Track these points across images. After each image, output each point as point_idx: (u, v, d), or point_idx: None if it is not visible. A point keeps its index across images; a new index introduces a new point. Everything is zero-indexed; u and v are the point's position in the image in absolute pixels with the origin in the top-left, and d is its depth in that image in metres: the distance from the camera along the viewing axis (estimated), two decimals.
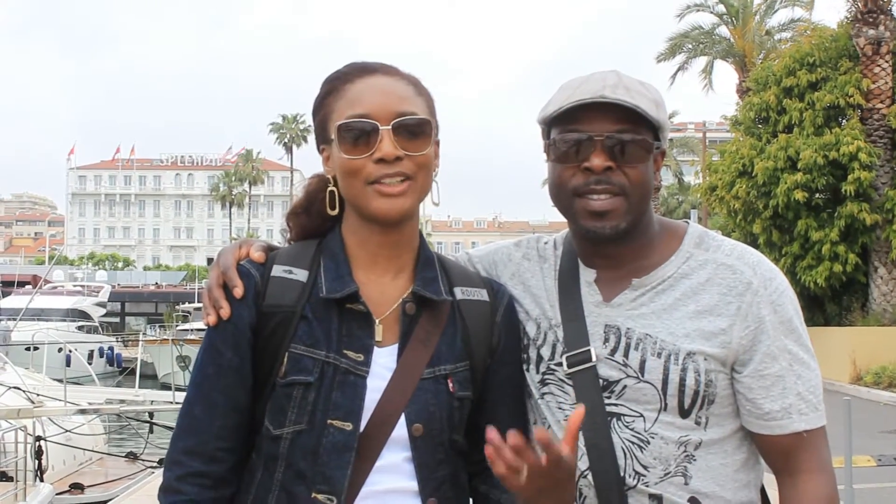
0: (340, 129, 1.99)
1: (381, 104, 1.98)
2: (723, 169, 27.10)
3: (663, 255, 2.14)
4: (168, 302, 78.21)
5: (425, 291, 2.04)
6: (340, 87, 2.05)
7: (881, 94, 24.67)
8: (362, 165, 1.97)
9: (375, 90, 2.01)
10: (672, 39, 34.90)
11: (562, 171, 2.09)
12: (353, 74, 2.05)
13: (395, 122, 1.97)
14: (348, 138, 1.98)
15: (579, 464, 2.06)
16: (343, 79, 2.06)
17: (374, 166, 1.96)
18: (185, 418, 2.02)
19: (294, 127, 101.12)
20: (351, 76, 2.05)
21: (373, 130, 1.96)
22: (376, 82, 2.03)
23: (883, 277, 24.87)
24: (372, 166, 1.96)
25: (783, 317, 2.06)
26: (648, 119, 2.04)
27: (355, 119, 1.98)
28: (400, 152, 1.96)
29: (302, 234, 2.17)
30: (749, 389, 2.05)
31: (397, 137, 1.96)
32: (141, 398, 19.23)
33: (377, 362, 2.00)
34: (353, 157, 1.98)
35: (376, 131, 1.96)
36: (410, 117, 1.99)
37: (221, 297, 2.02)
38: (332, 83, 2.07)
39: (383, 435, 1.96)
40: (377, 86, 2.02)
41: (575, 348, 2.11)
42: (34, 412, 13.77)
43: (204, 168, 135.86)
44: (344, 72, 2.07)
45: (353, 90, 2.02)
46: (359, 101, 2.00)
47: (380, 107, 1.98)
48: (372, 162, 1.96)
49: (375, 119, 1.97)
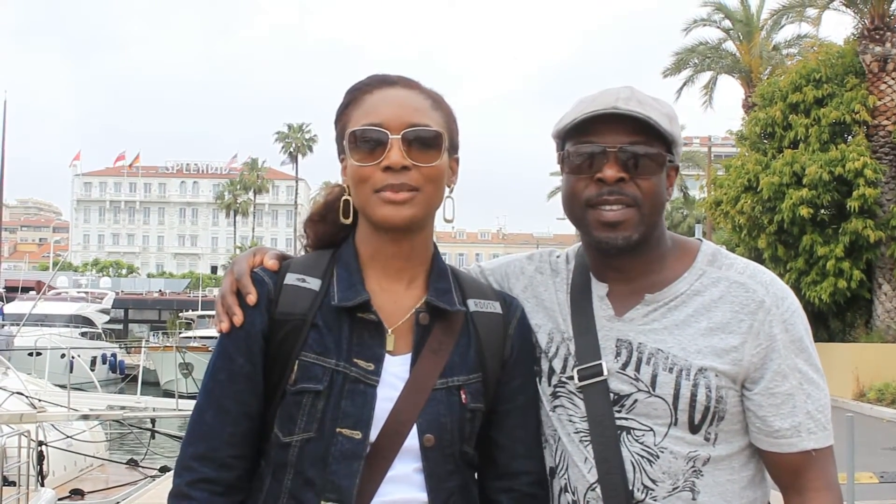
0: (352, 137, 2.02)
1: (394, 115, 2.00)
2: (728, 184, 27.14)
3: (676, 271, 2.15)
4: (171, 309, 78.37)
5: (439, 302, 2.05)
6: (360, 97, 2.07)
7: (887, 111, 24.73)
8: (371, 173, 1.99)
9: (391, 101, 2.03)
10: (678, 54, 34.90)
11: (575, 182, 2.11)
12: (374, 86, 2.07)
13: (405, 131, 1.98)
14: (359, 146, 2.01)
15: (588, 476, 2.07)
16: (363, 90, 2.08)
17: (381, 174, 1.98)
18: (196, 424, 2.02)
19: (299, 136, 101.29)
20: (371, 87, 2.07)
21: (383, 139, 1.98)
22: (393, 94, 2.05)
23: (887, 294, 24.86)
24: (379, 174, 1.98)
25: (794, 336, 2.07)
26: (661, 132, 2.06)
27: (367, 127, 2.00)
28: (407, 162, 1.98)
29: (318, 241, 2.18)
30: (759, 407, 2.06)
31: (407, 148, 1.98)
32: (143, 405, 19.17)
33: (388, 371, 2.00)
34: (362, 164, 2.00)
35: (386, 140, 1.98)
36: (421, 128, 2.00)
37: (235, 304, 2.03)
38: (353, 94, 2.09)
39: (395, 445, 1.96)
40: (393, 97, 2.04)
41: (586, 362, 2.11)
42: (37, 417, 13.77)
43: (209, 176, 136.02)
44: (365, 83, 2.09)
45: (370, 101, 2.05)
46: (374, 111, 2.02)
47: (392, 117, 2.00)
48: (380, 170, 1.98)
49: (386, 128, 1.99)
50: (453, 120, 2.13)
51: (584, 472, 2.08)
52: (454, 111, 2.15)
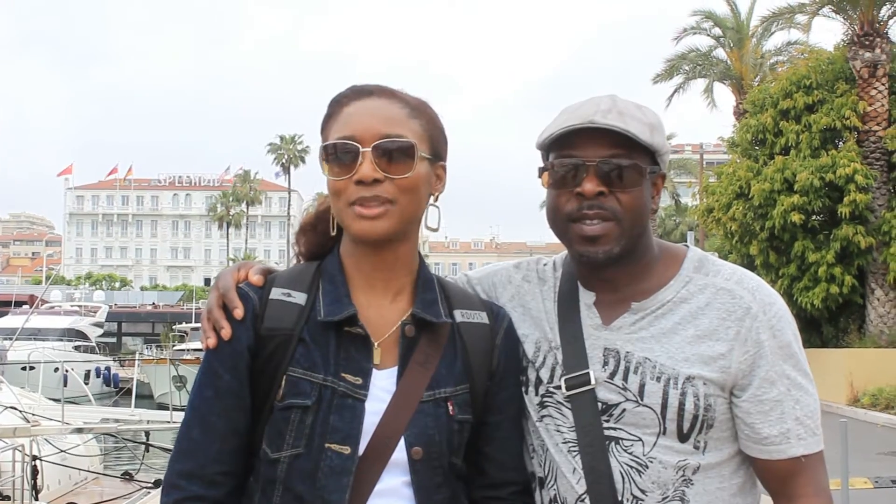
0: (325, 151, 2.01)
1: (367, 127, 1.99)
2: (720, 191, 27.17)
3: (663, 278, 2.14)
4: (165, 322, 78.05)
5: (425, 314, 2.04)
6: (338, 110, 2.06)
7: (877, 117, 24.76)
8: (344, 186, 1.98)
9: (364, 112, 2.02)
10: (670, 61, 34.96)
11: (557, 196, 2.11)
12: (351, 97, 2.06)
13: (375, 143, 1.97)
14: (332, 159, 2.00)
15: (577, 487, 2.06)
16: (341, 102, 2.07)
17: (354, 188, 1.97)
18: (183, 441, 2.01)
19: (292, 147, 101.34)
20: (349, 99, 2.06)
21: (353, 152, 1.97)
22: (368, 105, 2.04)
23: (880, 299, 24.89)
24: (352, 188, 1.97)
25: (782, 342, 2.06)
26: (642, 143, 2.05)
27: (338, 141, 2.00)
28: (379, 174, 1.96)
29: (309, 251, 2.17)
30: (748, 414, 2.05)
31: (378, 160, 1.97)
32: (137, 418, 19.12)
33: (376, 385, 1.99)
34: (336, 178, 1.99)
35: (357, 153, 1.97)
36: (392, 140, 1.98)
37: (222, 318, 2.01)
38: (333, 107, 2.09)
39: (383, 458, 1.95)
40: (367, 108, 2.03)
41: (574, 371, 2.11)
42: (30, 431, 13.71)
43: (202, 188, 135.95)
44: (344, 94, 2.08)
45: (346, 113, 2.04)
46: (346, 124, 2.01)
47: (364, 129, 1.99)
48: (353, 183, 1.97)
49: (358, 141, 1.98)
50: (437, 127, 2.11)
51: (573, 483, 2.07)
52: (439, 117, 2.13)
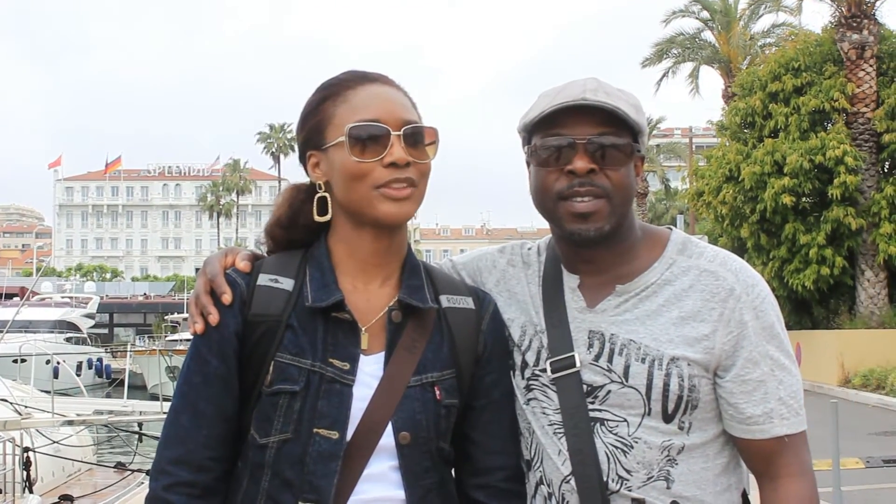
0: (351, 132, 2.00)
1: (390, 111, 2.02)
2: (709, 174, 27.20)
3: (646, 261, 2.16)
4: (157, 312, 77.99)
5: (411, 299, 2.05)
6: (341, 92, 2.06)
7: (865, 98, 24.81)
8: (371, 169, 1.99)
9: (382, 97, 2.04)
10: (658, 45, 35.01)
11: (545, 175, 2.11)
12: (355, 81, 2.07)
13: (405, 128, 2.00)
14: (359, 142, 1.99)
15: (562, 468, 2.08)
16: (343, 85, 2.07)
17: (383, 170, 1.98)
18: (171, 427, 2.02)
19: (281, 136, 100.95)
20: (352, 83, 2.07)
21: (384, 135, 1.99)
22: (380, 90, 2.06)
23: (870, 280, 24.98)
24: (381, 170, 1.98)
25: (765, 322, 2.08)
26: (629, 123, 2.07)
27: (367, 123, 2.00)
28: (410, 158, 1.99)
29: (284, 247, 2.15)
30: (731, 394, 2.07)
31: (405, 144, 1.99)
32: (130, 409, 19.10)
33: (363, 370, 2.00)
34: (362, 160, 1.99)
35: (387, 136, 1.99)
36: (418, 125, 2.03)
37: (210, 303, 2.02)
38: (330, 89, 2.09)
39: (370, 443, 1.96)
40: (382, 94, 2.05)
41: (559, 354, 2.12)
42: (22, 424, 13.67)
43: (191, 178, 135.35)
44: (343, 78, 2.09)
45: (358, 96, 2.04)
46: (365, 107, 2.02)
47: (388, 113, 2.01)
48: (381, 166, 1.98)
49: (385, 124, 1.99)
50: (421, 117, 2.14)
51: (559, 465, 2.09)
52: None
